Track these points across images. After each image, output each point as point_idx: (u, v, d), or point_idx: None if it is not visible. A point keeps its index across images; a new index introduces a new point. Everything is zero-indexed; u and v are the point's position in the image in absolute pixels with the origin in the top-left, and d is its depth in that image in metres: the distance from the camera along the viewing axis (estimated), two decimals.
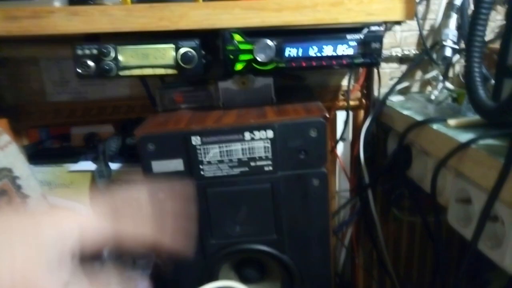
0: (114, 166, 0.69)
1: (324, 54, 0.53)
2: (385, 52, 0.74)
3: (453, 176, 0.51)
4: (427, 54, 0.68)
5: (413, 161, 0.63)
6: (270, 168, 0.54)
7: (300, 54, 0.53)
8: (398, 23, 0.68)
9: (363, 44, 0.52)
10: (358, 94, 0.77)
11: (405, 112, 0.62)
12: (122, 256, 0.63)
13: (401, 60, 0.76)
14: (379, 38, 0.52)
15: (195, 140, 0.53)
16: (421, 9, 0.73)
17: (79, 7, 0.54)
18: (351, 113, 0.78)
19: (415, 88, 0.77)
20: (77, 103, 0.78)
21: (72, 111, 0.78)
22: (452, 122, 0.52)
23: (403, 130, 0.60)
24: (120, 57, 0.55)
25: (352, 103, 0.77)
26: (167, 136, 0.53)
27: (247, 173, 0.54)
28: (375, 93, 0.75)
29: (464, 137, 0.47)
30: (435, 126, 0.53)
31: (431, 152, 0.55)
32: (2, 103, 0.78)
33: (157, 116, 0.61)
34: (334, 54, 0.53)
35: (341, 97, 0.78)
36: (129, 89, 0.78)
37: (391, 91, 0.71)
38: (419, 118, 0.58)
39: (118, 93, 0.78)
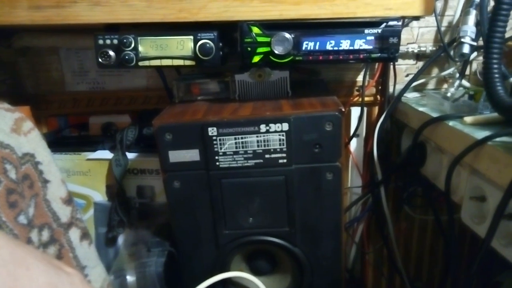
0: (130, 155, 0.70)
1: (341, 48, 0.53)
2: (402, 48, 0.74)
3: (468, 173, 0.50)
4: (444, 51, 0.67)
5: (428, 158, 0.63)
6: (285, 160, 0.55)
7: (317, 48, 0.53)
8: (416, 18, 0.68)
9: (381, 39, 0.52)
10: (373, 90, 0.77)
11: (421, 109, 0.62)
12: (137, 244, 0.64)
13: (418, 56, 0.75)
14: (397, 33, 0.52)
15: (212, 131, 0.54)
16: (439, 5, 0.73)
17: None
18: (365, 109, 0.78)
19: (431, 85, 0.77)
20: (95, 93, 0.80)
21: (90, 101, 0.80)
22: (468, 119, 0.52)
23: (418, 126, 0.60)
24: (140, 48, 0.56)
25: (367, 99, 0.77)
26: (184, 126, 0.54)
27: (261, 165, 0.55)
28: (390, 89, 0.75)
29: (481, 134, 0.47)
30: (451, 123, 0.53)
31: (446, 149, 0.55)
32: (23, 91, 0.80)
33: (174, 107, 0.62)
34: (351, 48, 0.53)
35: (355, 92, 0.78)
36: (146, 80, 0.79)
37: (407, 87, 0.71)
38: (434, 115, 0.58)
39: (135, 84, 0.79)
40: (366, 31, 0.52)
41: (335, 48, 0.53)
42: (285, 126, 0.53)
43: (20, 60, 0.78)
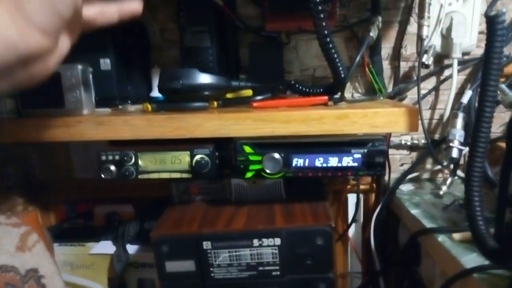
0: (132, 248, 0.72)
1: (329, 165, 0.55)
2: (395, 140, 0.76)
3: None
4: (431, 155, 0.69)
5: (423, 260, 0.63)
6: (278, 272, 0.56)
7: (307, 165, 0.56)
8: None
9: (367, 158, 0.54)
10: (368, 178, 0.79)
11: (413, 211, 0.63)
12: None
13: (411, 148, 0.77)
14: (382, 152, 0.54)
15: (206, 244, 0.56)
16: (430, 99, 0.75)
17: (104, 117, 0.59)
18: (361, 197, 0.79)
19: (426, 174, 0.78)
20: (101, 180, 0.83)
21: (96, 187, 0.83)
22: (457, 236, 0.53)
23: (411, 231, 0.61)
24: (140, 162, 0.59)
25: (362, 187, 0.78)
26: (180, 239, 0.57)
27: (255, 277, 0.56)
28: (386, 178, 0.77)
29: (468, 258, 0.48)
30: (440, 238, 0.54)
31: (437, 261, 0.56)
32: (32, 179, 0.84)
33: (173, 211, 0.64)
34: (340, 165, 0.55)
35: (352, 181, 0.79)
36: None
37: (400, 182, 0.72)
38: (425, 221, 0.59)
39: None
40: (353, 150, 0.55)
41: (324, 165, 0.55)
42: (277, 241, 0.55)
43: (30, 149, 0.83)
